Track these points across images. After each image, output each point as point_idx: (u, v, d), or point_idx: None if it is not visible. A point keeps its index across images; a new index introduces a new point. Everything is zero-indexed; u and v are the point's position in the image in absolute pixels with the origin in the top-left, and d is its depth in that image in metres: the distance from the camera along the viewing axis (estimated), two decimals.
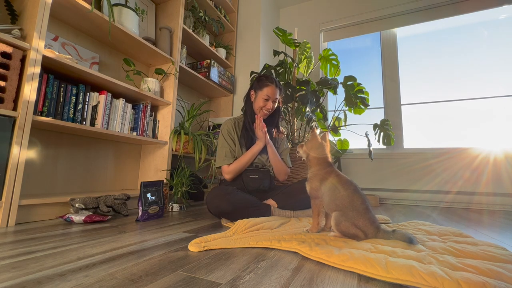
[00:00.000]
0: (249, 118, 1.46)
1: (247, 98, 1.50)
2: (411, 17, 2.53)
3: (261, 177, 1.41)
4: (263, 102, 1.40)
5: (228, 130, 1.45)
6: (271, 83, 1.41)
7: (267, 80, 1.43)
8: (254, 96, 1.45)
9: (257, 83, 1.45)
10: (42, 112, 1.18)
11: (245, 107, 1.51)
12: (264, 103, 1.40)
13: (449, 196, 2.15)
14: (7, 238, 0.84)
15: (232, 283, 0.54)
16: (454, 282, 0.52)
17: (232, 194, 1.21)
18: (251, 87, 1.49)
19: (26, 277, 0.55)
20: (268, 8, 2.84)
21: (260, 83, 1.43)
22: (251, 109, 1.46)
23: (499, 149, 2.09)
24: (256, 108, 1.43)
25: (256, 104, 1.43)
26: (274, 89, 1.40)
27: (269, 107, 1.41)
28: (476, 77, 2.30)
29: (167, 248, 0.78)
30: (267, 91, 1.40)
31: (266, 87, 1.40)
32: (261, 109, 1.42)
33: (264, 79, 1.43)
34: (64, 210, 1.22)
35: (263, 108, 1.42)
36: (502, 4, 2.23)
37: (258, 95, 1.43)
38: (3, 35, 1.01)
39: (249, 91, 1.49)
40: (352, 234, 0.85)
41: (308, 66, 2.28)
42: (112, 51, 1.70)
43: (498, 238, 1.02)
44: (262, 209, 1.25)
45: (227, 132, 1.45)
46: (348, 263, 0.63)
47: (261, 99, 1.40)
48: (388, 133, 2.11)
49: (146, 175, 1.81)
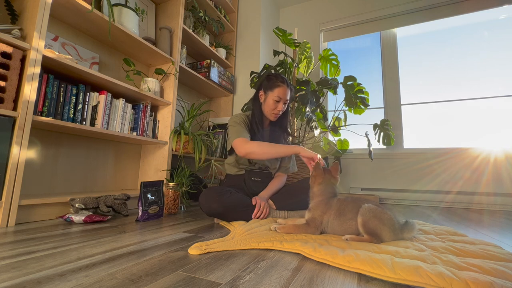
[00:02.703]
0: (256, 119, 1.37)
1: (254, 98, 1.41)
2: (411, 17, 2.53)
3: (263, 181, 1.39)
4: (273, 104, 1.31)
5: (243, 120, 1.36)
6: (283, 83, 1.31)
7: (278, 79, 1.32)
8: (264, 97, 1.35)
9: (267, 83, 1.35)
10: (42, 112, 1.18)
11: (252, 108, 1.41)
12: (275, 105, 1.31)
13: (449, 196, 2.15)
14: (7, 238, 0.84)
15: (232, 283, 0.54)
16: (462, 282, 0.52)
17: (225, 196, 1.17)
18: (259, 87, 1.40)
19: (26, 277, 0.55)
20: (268, 8, 2.84)
21: (270, 83, 1.33)
22: (259, 111, 1.37)
23: (500, 149, 2.08)
24: (266, 111, 1.35)
25: (266, 107, 1.34)
26: (286, 89, 1.31)
27: (279, 109, 1.32)
28: (476, 77, 2.30)
29: (167, 248, 0.78)
30: (279, 92, 1.30)
31: (278, 87, 1.30)
32: (272, 112, 1.33)
33: (274, 79, 1.33)
34: (64, 210, 1.21)
35: (274, 111, 1.33)
36: (502, 4, 2.23)
37: (268, 96, 1.33)
38: (3, 35, 1.01)
39: (258, 91, 1.39)
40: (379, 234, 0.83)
41: (308, 66, 2.28)
42: (112, 51, 1.70)
43: (498, 238, 1.02)
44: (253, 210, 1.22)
45: (241, 120, 1.35)
46: (354, 264, 0.63)
47: (272, 100, 1.31)
48: (388, 133, 2.11)
49: (146, 175, 1.81)
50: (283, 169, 1.46)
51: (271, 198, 1.32)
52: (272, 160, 1.41)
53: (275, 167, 1.44)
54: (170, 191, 1.44)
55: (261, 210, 1.19)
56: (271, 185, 1.36)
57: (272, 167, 1.43)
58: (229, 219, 1.18)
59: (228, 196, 1.18)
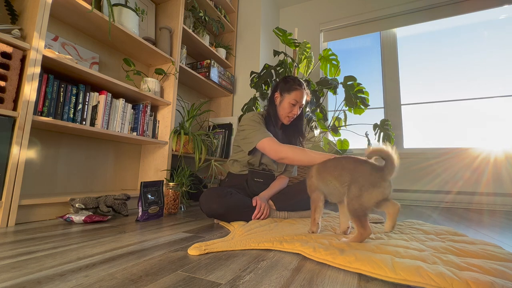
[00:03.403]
0: (273, 121, 1.34)
1: (270, 100, 1.38)
2: (411, 17, 2.53)
3: (265, 182, 1.39)
4: (289, 107, 1.29)
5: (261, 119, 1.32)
6: (300, 86, 1.29)
7: (295, 83, 1.30)
8: (279, 100, 1.33)
9: (284, 85, 1.32)
10: (42, 112, 1.18)
11: (268, 109, 1.38)
12: (291, 109, 1.29)
13: (449, 196, 2.15)
14: (7, 238, 0.84)
15: (232, 283, 0.54)
16: (463, 283, 0.52)
17: (226, 197, 1.16)
18: (275, 88, 1.37)
19: (26, 277, 0.55)
20: (268, 8, 2.84)
21: (288, 85, 1.30)
22: (275, 113, 1.35)
23: (500, 149, 2.08)
24: (281, 114, 1.32)
25: (282, 110, 1.31)
26: (303, 93, 1.29)
27: (295, 113, 1.30)
28: (476, 77, 2.30)
29: (167, 248, 0.78)
30: (296, 96, 1.28)
31: (295, 90, 1.28)
32: (286, 116, 1.30)
33: (292, 81, 1.31)
34: (64, 210, 1.21)
35: (288, 114, 1.30)
36: (502, 4, 2.23)
37: (284, 99, 1.30)
38: (3, 35, 1.01)
39: (273, 93, 1.37)
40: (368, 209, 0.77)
41: (308, 66, 2.28)
42: (112, 51, 1.70)
43: (498, 238, 1.02)
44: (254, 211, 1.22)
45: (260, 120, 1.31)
46: (354, 264, 0.63)
47: (288, 103, 1.29)
48: (388, 133, 2.11)
49: (146, 175, 1.81)
50: (287, 173, 1.46)
51: (271, 198, 1.32)
52: (280, 164, 1.40)
53: (281, 170, 1.43)
54: (170, 191, 1.44)
55: (261, 211, 1.19)
56: (272, 186, 1.36)
57: (278, 170, 1.42)
58: (229, 220, 1.18)
59: (229, 197, 1.18)
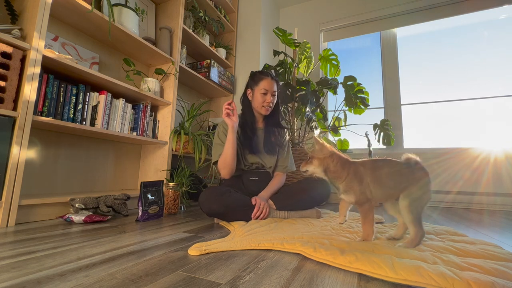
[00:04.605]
0: (247, 119, 1.41)
1: (244, 98, 1.45)
2: (411, 17, 2.53)
3: (261, 179, 1.39)
4: (261, 97, 1.36)
5: (223, 132, 1.39)
6: (266, 76, 1.37)
7: (261, 74, 1.39)
8: (252, 94, 1.41)
9: (251, 80, 1.42)
10: (42, 112, 1.18)
11: (242, 108, 1.45)
12: (263, 98, 1.36)
13: (449, 196, 2.15)
14: (7, 238, 0.84)
15: (232, 283, 0.54)
16: (464, 283, 0.51)
17: (225, 196, 1.17)
18: (246, 86, 1.46)
19: (26, 277, 0.54)
20: (268, 8, 2.84)
21: (255, 78, 1.40)
22: (249, 110, 1.42)
23: (500, 149, 2.08)
24: (256, 105, 1.39)
25: (255, 101, 1.39)
26: (270, 81, 1.36)
27: (269, 101, 1.36)
28: (476, 77, 2.30)
29: (167, 248, 0.78)
30: (263, 85, 1.35)
31: (262, 80, 1.36)
32: (262, 106, 1.37)
33: (257, 73, 1.40)
34: (64, 210, 1.21)
35: (263, 104, 1.37)
36: (502, 4, 2.23)
37: (255, 91, 1.38)
38: (3, 35, 1.01)
39: (245, 91, 1.45)
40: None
41: (308, 66, 2.28)
42: (112, 51, 1.70)
43: (498, 238, 1.02)
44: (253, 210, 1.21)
45: (223, 132, 1.39)
46: (355, 264, 0.63)
47: (259, 94, 1.36)
48: (388, 133, 2.11)
49: (146, 175, 1.81)
50: (281, 168, 1.45)
51: (271, 198, 1.32)
52: (267, 159, 1.42)
53: (272, 166, 1.43)
54: (170, 191, 1.44)
55: (260, 209, 1.19)
56: (270, 185, 1.37)
57: (268, 166, 1.43)
58: (229, 219, 1.18)
59: (228, 196, 1.18)
